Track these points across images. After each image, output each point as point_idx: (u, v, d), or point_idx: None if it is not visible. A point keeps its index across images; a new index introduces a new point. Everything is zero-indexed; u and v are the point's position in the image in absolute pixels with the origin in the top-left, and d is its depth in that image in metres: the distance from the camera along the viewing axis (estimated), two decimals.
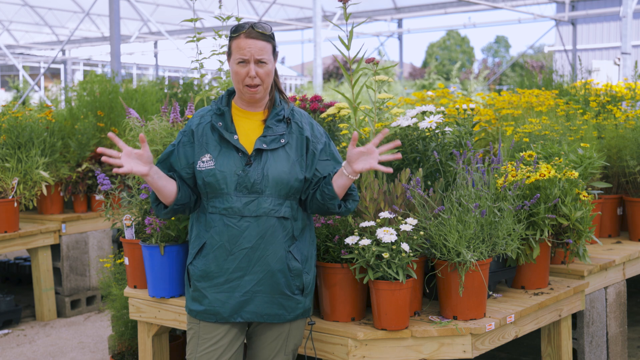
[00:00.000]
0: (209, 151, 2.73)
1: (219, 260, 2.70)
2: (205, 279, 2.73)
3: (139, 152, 2.60)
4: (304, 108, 3.85)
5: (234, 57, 2.70)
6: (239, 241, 2.68)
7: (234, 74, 2.71)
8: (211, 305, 2.73)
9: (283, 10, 20.21)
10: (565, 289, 3.57)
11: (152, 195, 2.80)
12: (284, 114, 2.79)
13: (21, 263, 6.65)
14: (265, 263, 2.69)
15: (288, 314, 2.76)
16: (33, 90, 14.86)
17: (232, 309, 2.71)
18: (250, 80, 2.68)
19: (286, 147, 2.74)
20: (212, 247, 2.71)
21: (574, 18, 18.68)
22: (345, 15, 3.35)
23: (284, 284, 2.72)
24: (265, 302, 2.72)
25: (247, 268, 2.69)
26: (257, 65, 2.68)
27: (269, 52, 2.71)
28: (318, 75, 11.97)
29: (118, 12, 8.62)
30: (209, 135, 2.75)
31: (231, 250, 2.69)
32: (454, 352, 3.01)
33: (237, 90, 2.76)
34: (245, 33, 2.68)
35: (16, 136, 5.41)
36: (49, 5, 20.01)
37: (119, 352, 4.20)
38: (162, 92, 7.13)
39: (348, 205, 2.78)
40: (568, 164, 3.73)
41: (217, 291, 2.72)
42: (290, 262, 2.72)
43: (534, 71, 6.93)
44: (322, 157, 2.79)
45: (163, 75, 23.99)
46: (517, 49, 66.08)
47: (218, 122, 2.75)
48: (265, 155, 2.71)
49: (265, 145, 2.71)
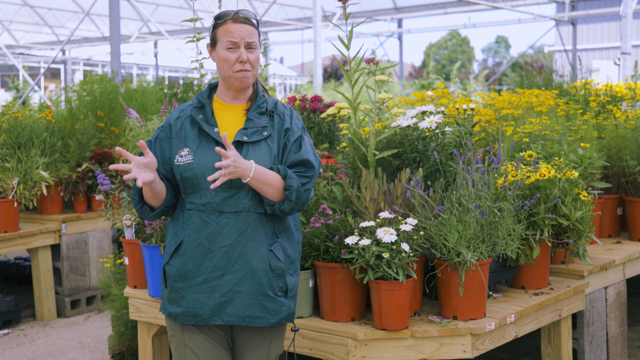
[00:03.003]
0: (188, 145, 2.61)
1: (197, 259, 2.58)
2: (183, 279, 2.60)
3: (146, 160, 2.52)
4: (304, 108, 3.85)
5: (221, 43, 2.59)
6: (218, 238, 2.56)
7: (222, 60, 2.59)
8: (190, 306, 2.59)
9: (283, 10, 20.20)
10: (565, 289, 3.57)
11: (136, 197, 2.67)
12: (266, 107, 2.67)
13: (21, 263, 6.65)
14: (245, 261, 2.56)
15: (271, 317, 2.61)
16: (33, 90, 14.86)
17: (211, 310, 2.58)
18: (241, 65, 2.57)
19: (268, 140, 2.62)
20: (190, 245, 2.58)
21: (574, 18, 18.68)
22: (345, 15, 3.35)
23: (266, 284, 2.58)
24: (247, 304, 2.58)
25: (226, 267, 2.56)
26: (247, 50, 2.59)
27: (256, 37, 2.62)
28: (318, 75, 11.97)
29: (118, 12, 8.62)
30: (188, 129, 2.64)
31: (210, 248, 2.56)
32: (454, 352, 3.01)
33: (225, 78, 2.64)
34: (232, 18, 2.59)
35: (16, 136, 5.41)
36: (49, 5, 20.00)
37: (119, 352, 4.20)
38: (162, 92, 7.13)
39: (280, 206, 2.58)
40: (568, 164, 3.73)
41: (196, 292, 2.58)
42: (272, 261, 2.59)
43: (534, 71, 6.93)
44: (292, 149, 2.65)
45: (163, 75, 24.00)
46: (517, 49, 66.10)
47: (198, 115, 2.64)
48: (246, 148, 2.59)
49: (247, 137, 2.59)
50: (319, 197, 3.36)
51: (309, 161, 2.63)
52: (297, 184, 2.56)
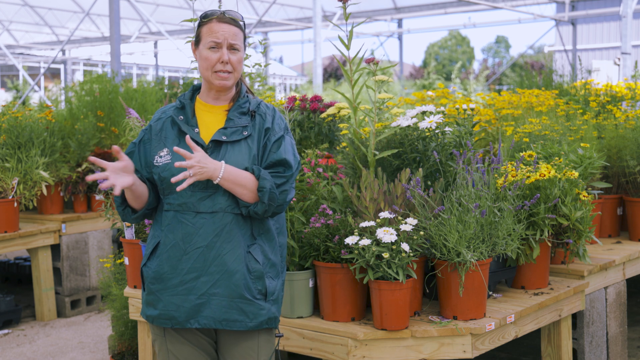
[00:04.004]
0: (167, 145, 2.58)
1: (173, 260, 2.52)
2: (159, 281, 2.54)
3: (121, 164, 2.48)
4: (304, 108, 3.85)
5: (204, 42, 2.57)
6: (194, 239, 2.50)
7: (204, 59, 2.57)
8: (165, 309, 2.53)
9: (283, 10, 20.20)
10: (565, 289, 3.57)
11: (118, 199, 2.63)
12: (248, 107, 2.63)
13: (21, 263, 6.65)
14: (221, 263, 2.50)
15: (250, 321, 2.52)
16: (33, 90, 14.86)
17: (187, 313, 2.51)
18: (222, 66, 2.55)
19: (248, 140, 2.57)
20: (166, 247, 2.53)
21: (574, 18, 18.67)
22: (345, 15, 3.35)
23: (243, 286, 2.50)
24: (223, 307, 2.51)
25: (202, 268, 2.50)
26: (230, 51, 2.56)
27: (241, 39, 2.60)
28: (318, 75, 11.97)
29: (118, 12, 8.62)
30: (168, 130, 2.61)
31: (185, 249, 2.51)
32: (454, 352, 3.01)
33: (206, 78, 2.61)
34: (217, 18, 2.57)
35: (16, 136, 5.41)
36: (49, 5, 20.00)
37: (119, 352, 4.20)
38: (162, 92, 7.14)
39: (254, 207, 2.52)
40: (568, 164, 3.73)
41: (172, 294, 2.53)
42: (249, 263, 2.52)
43: (534, 71, 6.93)
44: (272, 149, 2.60)
45: (163, 75, 23.99)
46: (517, 49, 66.11)
47: (179, 116, 2.61)
48: (224, 148, 2.55)
49: (225, 137, 2.55)
50: (319, 197, 3.36)
51: (286, 161, 2.57)
52: (269, 185, 2.50)
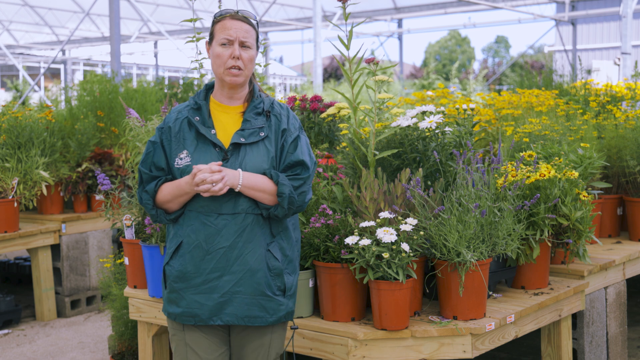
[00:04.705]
0: (186, 147, 2.63)
1: (196, 260, 2.59)
2: (182, 280, 2.61)
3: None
4: (304, 108, 3.85)
5: (217, 39, 2.61)
6: (217, 240, 2.57)
7: (216, 56, 2.61)
8: (189, 307, 2.61)
9: (283, 10, 20.20)
10: (565, 289, 3.57)
11: (150, 202, 2.67)
12: (263, 107, 2.68)
13: (21, 263, 6.65)
14: (244, 262, 2.57)
15: (270, 316, 2.62)
16: (33, 90, 14.86)
17: (210, 310, 2.59)
18: (234, 61, 2.59)
19: (265, 141, 2.63)
20: (189, 247, 2.60)
21: (574, 18, 18.67)
22: (345, 15, 3.35)
23: (264, 284, 2.59)
24: (245, 304, 2.59)
25: (225, 268, 2.58)
26: (241, 48, 2.60)
27: (253, 38, 2.64)
28: (318, 75, 11.97)
29: (118, 12, 8.62)
30: (185, 131, 2.65)
31: (208, 249, 2.58)
32: (454, 352, 3.01)
33: (218, 76, 2.65)
34: (230, 15, 2.62)
35: (16, 136, 5.41)
36: (49, 5, 20.00)
37: (119, 352, 4.20)
38: (162, 92, 7.13)
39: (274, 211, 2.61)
40: (568, 164, 3.73)
41: (195, 292, 2.60)
42: (269, 261, 2.61)
43: (534, 71, 6.93)
44: (289, 150, 2.66)
45: (163, 75, 24.00)
46: (517, 49, 66.11)
47: (195, 117, 2.65)
48: (243, 150, 2.60)
49: (243, 139, 2.60)
50: (319, 197, 3.35)
51: (304, 162, 2.64)
52: (288, 191, 2.57)
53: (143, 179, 2.69)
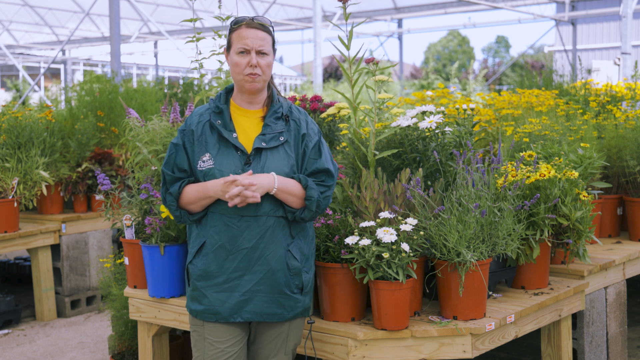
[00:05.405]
0: (209, 150, 2.71)
1: (219, 260, 2.69)
2: (205, 279, 2.72)
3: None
4: (304, 108, 3.85)
5: (234, 48, 2.69)
6: (239, 241, 2.67)
7: (234, 65, 2.69)
8: (211, 304, 2.72)
9: (283, 10, 20.19)
10: (565, 289, 3.57)
11: (174, 204, 2.73)
12: (282, 111, 2.76)
13: (21, 263, 6.65)
14: (265, 262, 2.68)
15: (287, 313, 2.74)
16: (33, 90, 14.86)
17: (231, 308, 2.70)
18: (251, 69, 2.67)
19: (285, 146, 2.73)
20: (212, 247, 2.70)
21: (574, 18, 18.67)
22: (345, 15, 3.35)
23: (283, 283, 2.70)
24: (265, 302, 2.70)
25: (247, 268, 2.68)
26: (258, 55, 2.68)
27: (269, 44, 2.71)
28: (318, 75, 11.97)
29: (118, 12, 8.62)
30: (207, 134, 2.73)
31: (231, 250, 2.68)
32: (454, 352, 3.01)
33: (237, 82, 2.73)
34: (246, 24, 2.69)
35: (16, 136, 5.41)
36: (49, 5, 19.99)
37: (119, 352, 4.20)
38: (162, 92, 7.13)
39: (301, 214, 2.71)
40: (568, 164, 3.73)
41: (217, 290, 2.71)
42: (289, 261, 2.71)
43: (534, 71, 6.93)
44: (312, 155, 2.76)
45: (163, 75, 24.00)
46: (517, 49, 66.08)
47: (217, 121, 2.73)
48: (264, 154, 2.70)
49: (265, 143, 2.69)
50: None
51: (329, 170, 2.76)
52: (317, 195, 2.69)
53: (166, 180, 2.77)
